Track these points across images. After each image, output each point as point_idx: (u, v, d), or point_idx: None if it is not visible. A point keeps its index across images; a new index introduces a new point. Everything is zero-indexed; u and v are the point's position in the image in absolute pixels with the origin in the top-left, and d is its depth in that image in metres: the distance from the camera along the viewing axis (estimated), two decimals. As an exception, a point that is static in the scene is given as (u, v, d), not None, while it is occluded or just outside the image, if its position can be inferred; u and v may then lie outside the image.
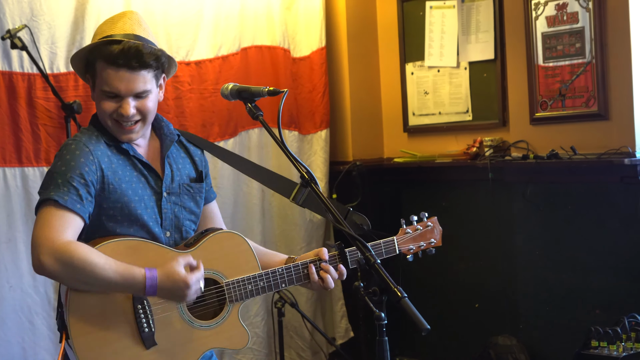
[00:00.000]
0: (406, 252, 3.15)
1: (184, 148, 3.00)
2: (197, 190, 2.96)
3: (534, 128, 4.91)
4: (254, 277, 2.86)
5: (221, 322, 2.84)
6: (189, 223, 2.92)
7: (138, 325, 2.69)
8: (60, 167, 2.67)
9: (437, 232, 3.24)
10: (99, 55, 2.73)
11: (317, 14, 5.47)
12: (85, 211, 2.66)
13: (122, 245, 2.70)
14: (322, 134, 5.52)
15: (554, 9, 4.76)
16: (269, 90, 2.69)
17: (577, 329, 4.54)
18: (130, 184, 2.77)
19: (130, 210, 2.75)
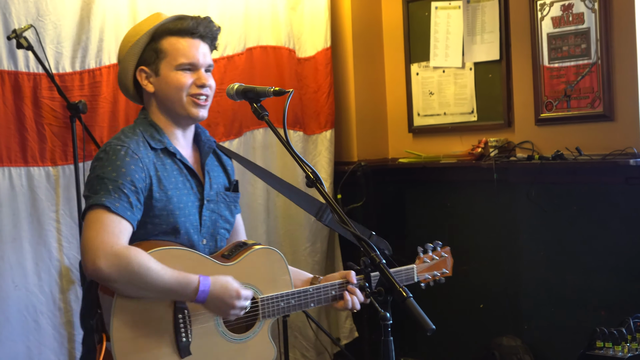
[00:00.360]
0: (422, 280, 3.32)
1: (216, 157, 3.03)
2: (232, 199, 3.00)
3: (539, 129, 4.91)
4: (287, 295, 2.90)
5: (252, 337, 2.87)
6: (223, 232, 2.95)
7: (176, 335, 2.70)
8: (110, 172, 2.66)
9: (449, 262, 3.39)
10: (169, 31, 2.79)
11: (322, 14, 5.47)
12: (135, 219, 2.67)
13: (168, 254, 2.71)
14: (327, 134, 5.52)
15: (560, 9, 4.75)
16: (275, 90, 2.69)
17: (582, 329, 4.54)
18: (175, 190, 2.78)
19: (175, 219, 2.76)
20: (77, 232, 4.24)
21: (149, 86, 2.84)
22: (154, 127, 2.84)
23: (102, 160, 2.71)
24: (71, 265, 4.29)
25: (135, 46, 2.83)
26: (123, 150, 2.71)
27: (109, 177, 2.66)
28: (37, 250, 4.21)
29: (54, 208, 4.27)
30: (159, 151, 2.80)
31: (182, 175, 2.82)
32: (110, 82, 4.45)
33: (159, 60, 2.81)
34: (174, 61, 2.80)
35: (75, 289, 4.30)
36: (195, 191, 2.85)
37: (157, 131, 2.83)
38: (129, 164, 2.69)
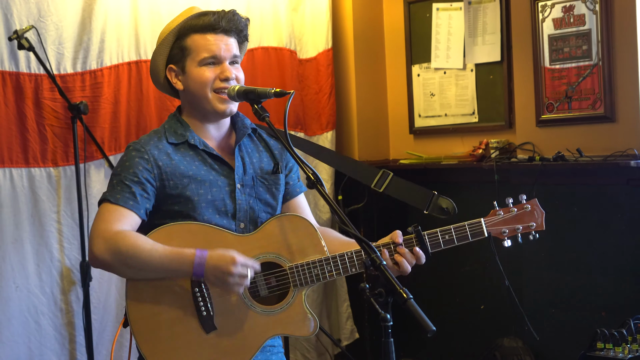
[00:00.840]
0: (499, 235, 2.88)
1: (262, 141, 3.00)
2: (273, 182, 2.93)
3: (540, 130, 4.91)
4: (320, 261, 2.77)
5: (286, 308, 2.77)
6: (265, 215, 2.89)
7: (196, 309, 2.70)
8: (116, 170, 2.79)
9: (539, 215, 2.96)
10: (193, 28, 2.82)
11: (323, 16, 5.47)
12: (140, 207, 2.72)
13: (181, 227, 2.74)
14: (328, 136, 5.52)
15: (561, 11, 4.76)
16: (276, 91, 2.69)
17: (583, 330, 4.54)
18: (195, 177, 2.79)
19: (195, 204, 2.76)
20: (78, 233, 4.24)
21: (178, 84, 2.88)
22: (180, 123, 2.89)
23: (118, 162, 2.84)
24: (72, 266, 4.29)
25: (162, 45, 2.87)
26: (131, 146, 2.81)
27: (115, 174, 2.78)
28: (38, 251, 4.22)
29: (55, 209, 4.27)
30: (179, 144, 2.84)
31: (208, 164, 2.83)
32: (112, 83, 4.45)
33: (185, 58, 2.84)
34: (197, 57, 2.83)
35: (76, 289, 4.30)
36: (225, 177, 2.84)
37: (182, 126, 2.87)
38: (134, 158, 2.76)
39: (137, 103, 4.56)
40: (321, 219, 5.43)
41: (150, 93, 4.60)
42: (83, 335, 4.25)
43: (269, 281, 2.78)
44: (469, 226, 2.84)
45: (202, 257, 2.64)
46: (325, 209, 5.42)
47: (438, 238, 2.80)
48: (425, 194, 3.07)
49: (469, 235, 2.83)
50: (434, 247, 2.79)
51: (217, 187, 2.82)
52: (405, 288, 2.25)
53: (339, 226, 2.49)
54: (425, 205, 3.09)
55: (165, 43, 2.86)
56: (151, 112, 4.59)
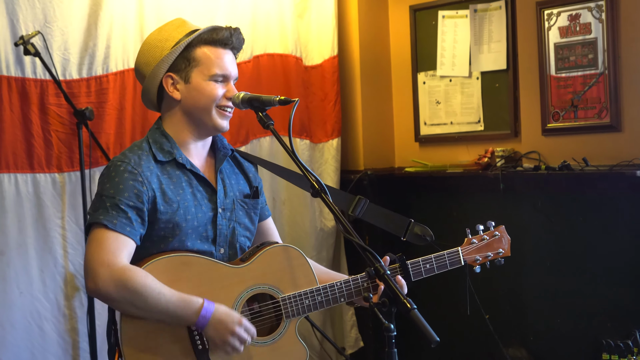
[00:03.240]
0: (472, 262, 3.08)
1: (237, 164, 3.01)
2: (252, 206, 2.96)
3: (545, 139, 4.90)
4: (312, 292, 2.84)
5: (278, 339, 2.81)
6: (243, 239, 2.92)
7: (192, 342, 2.69)
8: (108, 190, 2.69)
9: (505, 241, 3.17)
10: (204, 40, 2.80)
11: (329, 23, 5.47)
12: (136, 234, 2.68)
13: (175, 260, 2.71)
14: (333, 143, 5.51)
15: (567, 19, 4.75)
16: (280, 99, 2.69)
17: (588, 341, 4.53)
18: (183, 202, 2.76)
19: (182, 230, 2.75)
20: (82, 239, 4.24)
21: (176, 93, 2.82)
22: (165, 137, 2.83)
23: (103, 177, 2.75)
24: (76, 271, 4.29)
25: (170, 54, 2.80)
26: (123, 167, 2.72)
27: (108, 194, 2.68)
28: (42, 257, 4.21)
29: (59, 215, 4.27)
30: (166, 163, 2.79)
31: (192, 186, 2.81)
32: (117, 89, 4.45)
33: (191, 68, 2.81)
34: (208, 71, 2.81)
35: (80, 295, 4.30)
36: (207, 200, 2.83)
37: (168, 141, 2.83)
38: (127, 180, 2.69)
39: (142, 109, 4.56)
40: (326, 226, 5.43)
41: (156, 99, 4.60)
42: (87, 341, 4.24)
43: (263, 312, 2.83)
44: (448, 255, 3.03)
45: (208, 310, 2.63)
46: (330, 216, 5.41)
47: (420, 267, 2.99)
48: (401, 221, 3.15)
49: (447, 264, 3.03)
50: (416, 276, 2.96)
51: (202, 212, 2.80)
52: (409, 298, 2.24)
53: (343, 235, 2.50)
54: (402, 232, 3.17)
55: (174, 52, 2.80)
56: (156, 118, 4.58)
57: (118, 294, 2.58)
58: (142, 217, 2.70)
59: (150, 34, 2.92)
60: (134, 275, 2.59)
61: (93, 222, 2.66)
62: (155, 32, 2.90)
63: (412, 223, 3.21)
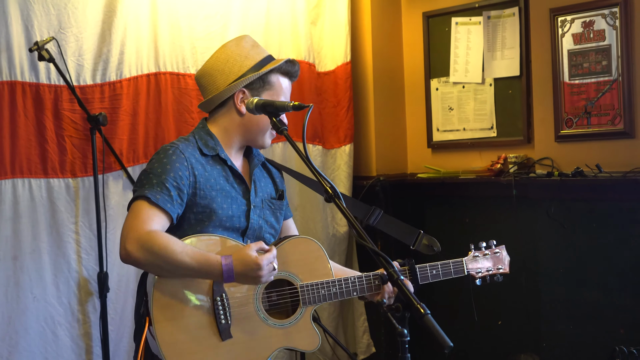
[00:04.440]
0: (474, 274, 3.31)
1: (267, 170, 3.22)
2: (278, 206, 3.16)
3: (558, 145, 4.89)
4: (327, 283, 3.04)
5: (294, 323, 2.99)
6: (269, 236, 3.09)
7: (216, 317, 2.84)
8: (156, 168, 2.85)
9: (506, 259, 3.38)
10: (280, 69, 3.05)
11: (342, 29, 5.48)
12: (175, 211, 2.83)
13: (205, 238, 2.87)
14: (346, 149, 5.52)
15: (581, 26, 4.74)
16: (294, 105, 2.76)
17: (601, 348, 4.51)
18: (221, 192, 2.94)
19: (218, 216, 2.91)
20: (95, 244, 4.26)
21: (243, 108, 3.00)
22: (209, 136, 3.02)
23: (152, 159, 2.92)
24: (89, 276, 4.30)
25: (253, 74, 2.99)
26: (171, 150, 2.90)
27: (155, 172, 2.84)
28: (56, 262, 4.23)
29: (73, 220, 4.28)
30: (209, 157, 2.97)
31: (230, 181, 2.98)
32: (131, 95, 4.47)
33: (263, 89, 3.01)
34: (277, 97, 3.03)
35: (93, 300, 4.31)
36: (242, 196, 3.00)
37: (212, 139, 3.01)
38: (175, 162, 2.86)
39: (156, 115, 4.58)
40: (338, 232, 5.43)
41: (169, 105, 4.61)
42: (100, 346, 4.25)
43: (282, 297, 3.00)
44: (453, 264, 3.27)
45: (229, 267, 2.74)
46: (343, 221, 5.42)
47: (427, 272, 3.22)
48: (412, 232, 3.40)
49: (452, 272, 3.28)
50: (423, 280, 3.20)
51: (237, 205, 2.97)
52: (422, 303, 2.24)
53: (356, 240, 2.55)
54: (412, 242, 3.47)
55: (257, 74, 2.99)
56: (169, 124, 4.60)
57: (145, 257, 2.70)
58: (182, 198, 2.85)
59: (226, 47, 3.08)
60: (157, 237, 2.72)
61: (138, 195, 2.81)
62: (232, 46, 3.08)
63: (422, 234, 3.44)
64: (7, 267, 4.09)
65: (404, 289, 2.29)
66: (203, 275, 2.79)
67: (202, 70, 3.09)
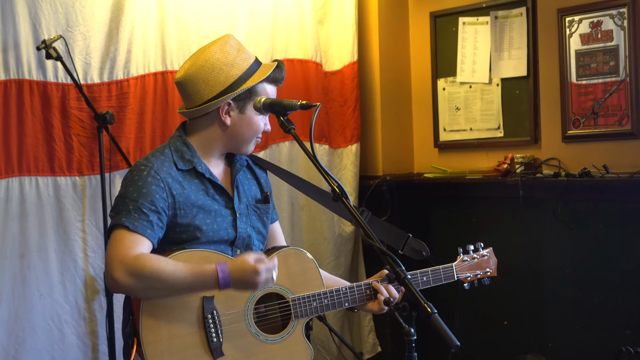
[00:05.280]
0: (463, 279, 3.31)
1: (250, 170, 3.11)
2: (264, 211, 3.07)
3: (566, 146, 4.88)
4: (319, 295, 2.97)
5: (286, 337, 2.93)
6: (257, 243, 3.03)
7: (207, 335, 2.77)
8: (132, 193, 2.77)
9: (493, 262, 3.40)
10: (267, 78, 2.94)
11: (349, 28, 5.48)
12: (155, 236, 2.76)
13: (196, 255, 2.80)
14: (352, 148, 5.52)
15: (588, 26, 4.74)
16: (302, 104, 2.72)
17: (607, 348, 4.50)
18: (202, 208, 2.86)
19: (204, 233, 2.84)
20: (102, 242, 4.26)
21: (227, 119, 2.91)
22: (186, 146, 2.91)
23: (127, 180, 2.83)
24: (96, 275, 4.30)
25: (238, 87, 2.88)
26: (146, 171, 2.80)
27: (131, 197, 2.76)
28: (62, 260, 4.23)
29: (80, 218, 4.29)
30: (186, 171, 2.87)
31: (210, 194, 2.90)
32: (138, 94, 4.47)
33: (249, 100, 2.91)
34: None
35: (99, 298, 4.32)
36: (225, 207, 2.92)
37: (189, 150, 2.91)
38: (150, 184, 2.77)
39: (162, 114, 4.58)
40: (345, 231, 5.43)
41: (176, 104, 4.61)
42: (106, 344, 4.26)
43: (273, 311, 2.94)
44: (443, 270, 3.25)
45: (225, 274, 2.68)
46: (348, 222, 5.41)
47: (417, 279, 3.18)
48: (400, 235, 3.35)
49: (442, 278, 3.25)
50: None
51: (221, 217, 2.90)
52: (429, 302, 2.24)
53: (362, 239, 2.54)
54: (400, 246, 3.40)
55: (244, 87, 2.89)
56: (176, 123, 4.59)
57: (135, 283, 2.64)
58: (162, 221, 2.78)
59: (210, 53, 2.94)
60: (146, 261, 2.66)
61: (115, 224, 2.74)
62: (217, 52, 2.93)
63: (410, 238, 3.37)
64: (14, 265, 4.09)
65: (411, 288, 2.29)
66: (199, 288, 2.72)
67: (185, 77, 2.93)
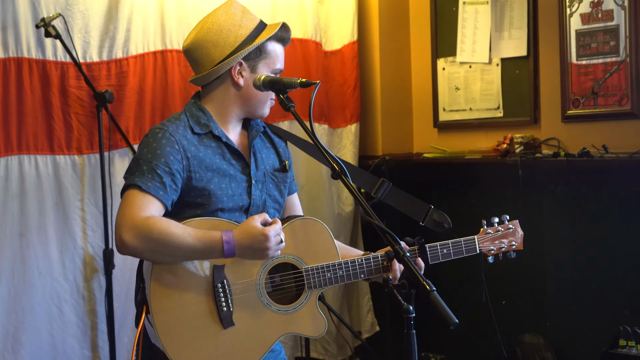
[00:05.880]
0: (486, 252, 3.17)
1: (269, 139, 3.07)
2: (282, 179, 3.02)
3: (565, 126, 4.88)
4: (334, 265, 2.90)
5: (299, 308, 2.87)
6: (273, 211, 2.97)
7: (217, 305, 2.75)
8: (146, 154, 2.75)
9: (519, 235, 3.25)
10: (275, 36, 2.91)
11: (349, 8, 5.46)
12: (168, 199, 2.73)
13: (206, 223, 2.76)
14: (352, 128, 5.52)
15: (589, 6, 4.72)
16: (302, 81, 2.70)
17: (605, 328, 4.51)
18: (218, 172, 2.83)
19: (218, 197, 2.81)
20: (101, 221, 4.27)
21: (240, 79, 2.88)
22: (202, 111, 2.89)
23: (142, 143, 2.81)
24: (95, 253, 4.31)
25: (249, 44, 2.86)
26: (161, 133, 2.78)
27: (145, 158, 2.74)
28: (62, 239, 4.24)
29: (79, 197, 4.29)
30: (202, 135, 2.85)
31: (226, 158, 2.86)
32: (137, 72, 4.46)
33: (260, 59, 2.89)
34: (273, 65, 2.93)
35: (99, 277, 4.32)
36: (241, 172, 2.88)
37: (205, 115, 2.89)
38: (165, 146, 2.75)
39: (162, 93, 4.57)
40: (344, 211, 5.43)
41: (175, 83, 4.61)
42: (105, 322, 4.28)
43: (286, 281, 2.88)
44: (464, 242, 3.12)
45: (229, 238, 2.66)
46: (348, 200, 5.42)
47: (437, 251, 3.06)
48: (422, 207, 3.27)
49: (463, 251, 3.12)
50: (433, 260, 3.04)
51: (236, 182, 2.86)
52: (428, 280, 2.24)
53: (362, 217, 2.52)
54: (421, 217, 3.34)
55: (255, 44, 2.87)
56: (176, 102, 4.60)
57: (143, 245, 2.62)
58: (176, 184, 2.75)
59: (216, 16, 2.90)
60: (155, 222, 2.63)
61: (128, 184, 2.72)
62: (222, 14, 2.91)
63: (432, 209, 3.30)
64: (14, 244, 4.10)
65: (410, 265, 2.29)
66: (207, 255, 2.70)
67: (193, 43, 2.90)
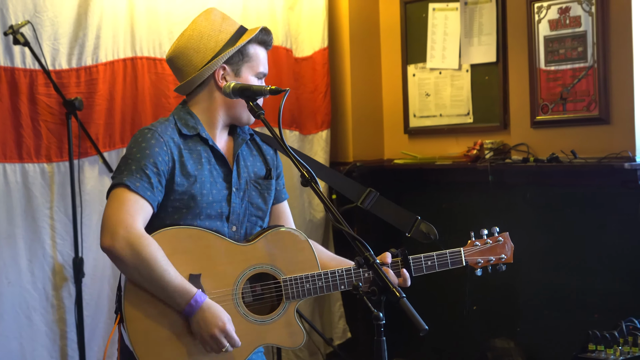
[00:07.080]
0: (474, 264, 3.10)
1: (256, 146, 3.05)
2: (265, 187, 2.99)
3: (534, 131, 4.91)
4: (312, 276, 2.87)
5: (276, 319, 2.85)
6: (255, 219, 2.95)
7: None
8: (135, 153, 2.75)
9: (509, 247, 3.17)
10: (256, 39, 2.91)
11: (320, 15, 5.47)
12: (155, 199, 2.74)
13: (183, 232, 2.76)
14: (323, 135, 5.52)
15: (557, 12, 4.76)
16: (271, 89, 2.71)
17: (576, 332, 4.53)
18: (200, 176, 2.82)
19: (198, 203, 2.79)
20: (71, 230, 4.24)
21: (224, 84, 2.86)
22: (190, 115, 2.89)
23: (131, 143, 2.81)
24: (65, 262, 4.28)
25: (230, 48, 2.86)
26: (150, 134, 2.79)
27: (133, 157, 2.75)
28: (31, 247, 4.21)
29: (48, 205, 4.27)
30: (189, 138, 2.85)
31: (210, 163, 2.86)
32: (107, 80, 4.44)
33: (242, 62, 2.89)
34: (257, 68, 2.91)
35: (68, 286, 4.30)
36: (222, 179, 2.88)
37: (193, 118, 2.88)
38: (154, 146, 2.75)
39: (132, 100, 4.56)
40: (315, 217, 5.43)
41: (145, 90, 4.59)
42: (75, 331, 4.25)
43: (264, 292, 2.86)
44: (450, 254, 3.05)
45: (197, 302, 2.67)
46: (319, 207, 5.42)
47: (421, 263, 3.00)
48: (409, 217, 3.21)
49: (449, 263, 3.05)
50: (417, 272, 2.98)
51: (217, 189, 2.85)
52: (398, 287, 2.25)
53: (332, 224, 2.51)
54: (408, 228, 3.29)
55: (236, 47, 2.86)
56: (146, 109, 4.59)
57: (129, 258, 2.63)
58: (162, 184, 2.76)
59: (196, 24, 2.91)
60: (148, 245, 2.64)
61: (116, 183, 2.72)
62: (202, 21, 2.91)
63: (419, 220, 3.27)
64: (-18, 253, 4.07)
65: (380, 272, 2.29)
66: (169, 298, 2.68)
67: (175, 51, 2.91)
